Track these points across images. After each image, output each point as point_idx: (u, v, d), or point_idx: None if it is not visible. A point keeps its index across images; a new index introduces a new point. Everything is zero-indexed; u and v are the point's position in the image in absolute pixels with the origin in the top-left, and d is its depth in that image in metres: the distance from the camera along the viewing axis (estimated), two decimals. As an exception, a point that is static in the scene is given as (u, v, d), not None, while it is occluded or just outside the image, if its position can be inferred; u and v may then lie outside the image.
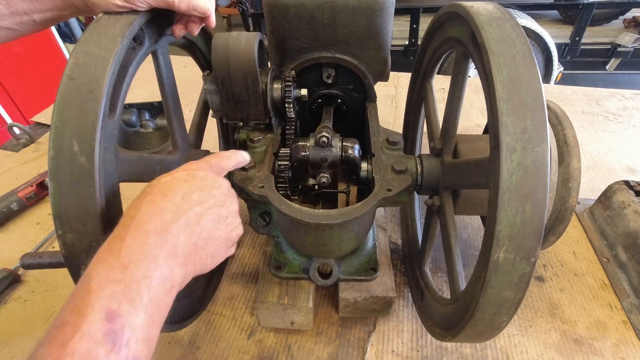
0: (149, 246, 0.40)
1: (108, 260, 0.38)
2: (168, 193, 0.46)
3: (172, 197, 0.46)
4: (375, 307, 0.88)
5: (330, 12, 0.83)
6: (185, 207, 0.46)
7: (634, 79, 4.17)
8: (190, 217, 0.46)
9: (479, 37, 0.54)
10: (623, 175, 1.33)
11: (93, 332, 0.33)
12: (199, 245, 0.46)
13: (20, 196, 1.20)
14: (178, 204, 0.45)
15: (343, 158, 0.78)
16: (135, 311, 0.36)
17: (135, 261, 0.38)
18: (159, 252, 0.40)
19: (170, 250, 0.42)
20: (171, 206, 0.45)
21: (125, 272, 0.37)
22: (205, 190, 0.50)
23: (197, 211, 0.47)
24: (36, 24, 0.67)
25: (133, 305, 0.36)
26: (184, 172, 0.51)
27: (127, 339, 0.34)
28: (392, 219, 1.17)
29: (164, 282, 0.40)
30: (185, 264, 0.44)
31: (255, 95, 0.78)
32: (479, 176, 0.61)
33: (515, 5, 3.22)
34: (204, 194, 0.49)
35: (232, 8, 5.51)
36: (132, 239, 0.40)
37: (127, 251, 0.38)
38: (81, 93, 0.50)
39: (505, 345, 0.87)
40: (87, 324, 0.33)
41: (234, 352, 0.86)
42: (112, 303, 0.35)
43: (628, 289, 0.97)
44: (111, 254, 0.39)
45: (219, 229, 0.50)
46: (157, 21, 0.66)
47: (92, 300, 0.34)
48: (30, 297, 0.98)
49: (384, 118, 1.64)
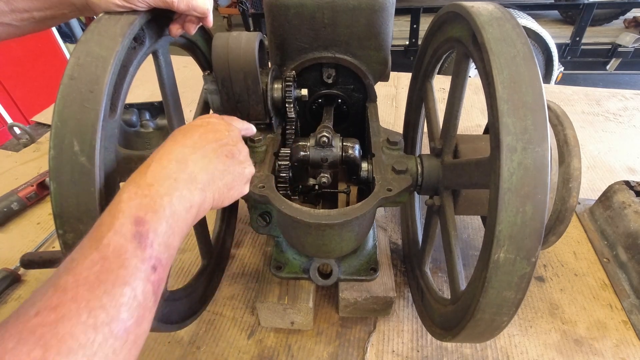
0: (170, 170, 0.47)
1: (136, 180, 0.45)
2: (187, 134, 0.54)
3: (191, 136, 0.53)
4: (375, 307, 0.88)
5: (331, 12, 0.83)
6: (203, 143, 0.53)
7: (634, 79, 4.16)
8: (207, 150, 0.53)
9: (480, 37, 0.54)
10: (623, 176, 1.33)
11: (124, 231, 0.39)
12: (216, 175, 0.53)
13: (20, 196, 1.20)
14: (196, 140, 0.53)
15: (343, 158, 0.78)
16: (158, 219, 0.42)
17: (158, 180, 0.45)
18: (179, 175, 0.47)
19: (189, 174, 0.48)
20: (190, 142, 0.52)
21: (151, 189, 0.44)
22: (220, 132, 0.57)
23: (213, 147, 0.54)
24: (37, 21, 0.67)
25: (157, 214, 0.42)
26: (200, 120, 0.58)
27: (151, 241, 0.40)
28: (392, 219, 1.17)
29: (184, 201, 0.46)
30: (203, 189, 0.50)
31: (256, 95, 0.78)
32: (479, 176, 0.61)
33: (516, 5, 3.22)
34: (218, 134, 0.57)
35: (233, 8, 5.51)
36: (156, 165, 0.47)
37: (152, 174, 0.45)
38: (82, 93, 0.50)
39: (506, 346, 0.87)
40: (119, 225, 0.39)
41: (234, 352, 0.86)
42: (140, 211, 0.41)
43: (628, 289, 0.97)
44: (139, 175, 0.45)
45: (234, 163, 0.57)
46: (157, 21, 0.66)
47: (123, 207, 0.41)
48: (30, 297, 0.98)
49: (384, 118, 1.64)
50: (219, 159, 0.54)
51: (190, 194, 0.47)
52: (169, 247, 0.43)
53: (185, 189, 0.47)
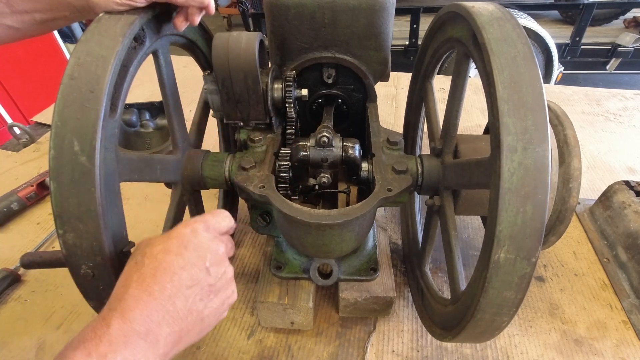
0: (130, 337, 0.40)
1: (88, 345, 0.39)
2: (156, 273, 0.45)
3: (161, 279, 0.45)
4: (375, 307, 0.88)
5: (331, 12, 0.83)
6: (173, 292, 0.45)
7: (634, 79, 4.17)
8: (178, 305, 0.45)
9: (480, 38, 0.54)
10: (623, 176, 1.33)
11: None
12: (184, 329, 0.46)
13: (20, 196, 1.20)
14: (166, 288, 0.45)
15: (343, 158, 0.78)
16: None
17: (114, 351, 0.39)
18: (139, 343, 0.41)
19: (151, 341, 0.42)
20: (158, 289, 0.44)
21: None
22: (197, 265, 0.48)
23: (185, 294, 0.46)
24: (37, 23, 0.67)
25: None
26: (176, 240, 0.49)
27: None
28: (392, 219, 1.17)
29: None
30: (166, 354, 0.44)
31: (256, 95, 0.78)
32: (479, 176, 0.61)
33: (516, 5, 3.22)
34: (194, 272, 0.47)
35: (232, 8, 5.51)
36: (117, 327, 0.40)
37: (109, 339, 0.39)
38: (82, 92, 0.50)
39: (506, 346, 0.87)
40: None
41: (234, 352, 0.86)
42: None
43: (628, 289, 0.97)
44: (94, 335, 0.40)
45: (209, 305, 0.49)
46: (158, 20, 0.66)
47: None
48: (30, 297, 0.98)
49: (384, 118, 1.64)
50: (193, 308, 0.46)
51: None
52: None
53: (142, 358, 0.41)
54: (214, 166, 0.77)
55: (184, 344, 0.47)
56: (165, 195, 1.16)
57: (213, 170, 0.77)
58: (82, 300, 0.56)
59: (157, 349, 0.42)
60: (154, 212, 1.21)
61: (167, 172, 0.72)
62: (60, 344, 0.88)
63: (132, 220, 1.17)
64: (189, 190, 0.79)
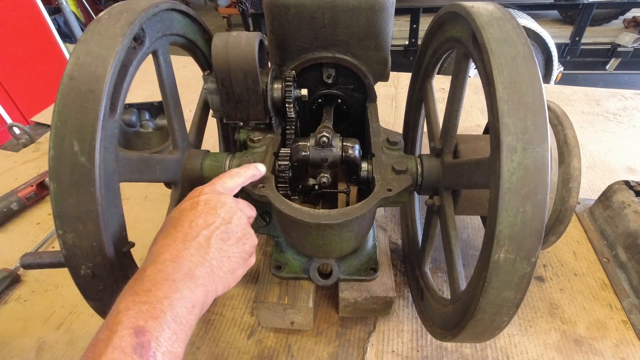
0: (166, 272, 0.45)
1: (133, 287, 0.43)
2: (177, 224, 0.52)
3: (181, 226, 0.51)
4: (375, 307, 0.88)
5: (331, 12, 0.83)
6: (193, 233, 0.51)
7: (634, 79, 4.16)
8: (200, 241, 0.50)
9: (480, 38, 0.54)
10: (623, 175, 1.33)
11: (123, 345, 0.37)
12: (215, 265, 0.51)
13: (20, 196, 1.20)
14: (186, 232, 0.51)
15: (343, 158, 0.78)
16: (159, 326, 0.40)
17: (156, 285, 0.43)
18: (176, 276, 0.45)
19: (187, 272, 0.46)
20: (181, 235, 0.50)
21: (149, 295, 0.42)
22: (210, 213, 0.54)
23: (205, 234, 0.51)
24: None
25: (157, 320, 0.40)
26: (188, 201, 0.56)
27: (154, 351, 0.38)
28: (392, 219, 1.17)
29: (185, 302, 0.44)
30: (204, 284, 0.48)
31: (256, 95, 0.78)
32: (479, 176, 0.61)
33: (516, 5, 3.22)
34: (209, 217, 0.53)
35: (232, 8, 5.51)
36: (152, 268, 0.45)
37: (149, 278, 0.44)
38: (82, 93, 0.50)
39: (506, 345, 0.87)
40: (117, 339, 0.37)
41: (234, 352, 0.86)
42: (139, 320, 0.39)
43: (628, 289, 0.97)
44: (136, 282, 0.44)
45: (231, 245, 0.54)
46: (157, 20, 0.66)
47: (121, 318, 0.39)
48: (30, 297, 0.98)
49: (384, 118, 1.64)
50: (214, 246, 0.51)
51: (191, 293, 0.45)
52: (173, 356, 0.40)
53: (185, 288, 0.45)
54: (214, 166, 0.77)
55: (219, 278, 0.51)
56: (165, 195, 1.16)
57: (213, 170, 0.77)
58: (82, 300, 0.56)
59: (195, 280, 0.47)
60: (154, 212, 1.21)
61: (166, 172, 0.72)
62: (60, 344, 0.88)
63: (132, 220, 1.17)
64: (188, 190, 0.79)
